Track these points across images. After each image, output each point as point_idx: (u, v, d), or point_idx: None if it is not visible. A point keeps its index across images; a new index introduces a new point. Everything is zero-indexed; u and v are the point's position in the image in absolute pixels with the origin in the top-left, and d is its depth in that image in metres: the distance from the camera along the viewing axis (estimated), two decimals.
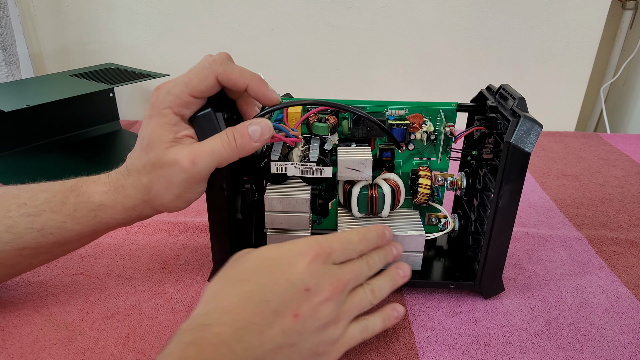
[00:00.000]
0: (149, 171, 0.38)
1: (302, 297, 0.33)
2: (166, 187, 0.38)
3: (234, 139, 0.37)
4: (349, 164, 0.42)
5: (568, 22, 0.92)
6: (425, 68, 0.98)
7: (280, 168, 0.42)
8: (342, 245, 0.36)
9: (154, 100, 0.37)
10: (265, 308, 0.32)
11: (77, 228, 0.39)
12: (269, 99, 0.38)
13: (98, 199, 0.39)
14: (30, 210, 0.39)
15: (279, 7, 0.94)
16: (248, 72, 0.38)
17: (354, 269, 0.37)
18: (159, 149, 0.37)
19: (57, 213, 0.39)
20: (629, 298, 0.46)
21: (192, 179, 0.37)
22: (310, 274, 0.34)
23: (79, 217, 0.39)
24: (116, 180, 0.40)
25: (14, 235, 0.38)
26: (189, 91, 0.36)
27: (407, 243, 0.44)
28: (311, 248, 0.35)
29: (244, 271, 0.34)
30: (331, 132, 0.43)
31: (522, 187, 0.39)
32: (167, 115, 0.37)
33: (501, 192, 0.40)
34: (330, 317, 0.34)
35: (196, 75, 0.37)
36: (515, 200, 0.40)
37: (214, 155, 0.37)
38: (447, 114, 0.46)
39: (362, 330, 0.37)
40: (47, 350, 0.39)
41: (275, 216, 0.43)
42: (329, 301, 0.34)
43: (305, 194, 0.43)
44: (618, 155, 0.82)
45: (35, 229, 0.38)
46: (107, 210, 0.39)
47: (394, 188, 0.44)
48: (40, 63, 0.99)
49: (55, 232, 0.39)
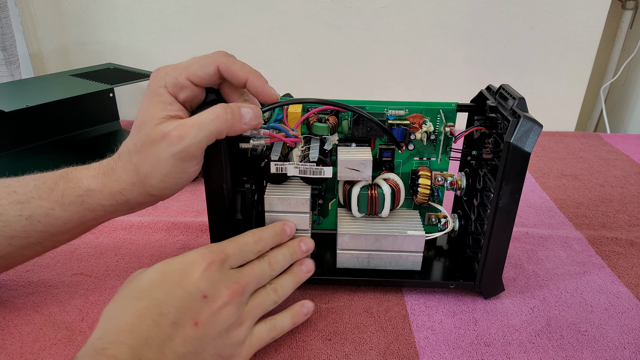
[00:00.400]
0: (138, 149, 0.37)
1: (200, 305, 0.33)
2: (154, 165, 0.36)
3: (225, 112, 0.36)
4: (349, 164, 0.42)
5: (568, 22, 0.92)
6: (425, 68, 0.98)
7: (280, 168, 0.42)
8: (236, 249, 0.37)
9: (151, 80, 0.37)
10: (163, 321, 0.32)
11: (64, 215, 0.38)
12: (268, 95, 0.38)
13: (86, 184, 0.38)
14: (20, 197, 0.38)
15: (279, 7, 0.94)
16: (249, 67, 0.37)
17: (253, 270, 0.37)
18: (149, 126, 0.36)
19: (45, 200, 0.38)
20: (629, 298, 0.46)
21: (181, 155, 0.35)
22: (205, 281, 0.34)
23: (66, 204, 0.38)
24: (106, 164, 0.39)
25: (3, 224, 0.38)
26: (188, 74, 0.36)
27: (407, 243, 0.44)
28: (204, 256, 0.35)
29: (138, 289, 0.34)
30: (331, 132, 0.43)
31: (522, 187, 0.39)
32: (161, 94, 0.36)
33: (501, 192, 0.40)
34: (232, 320, 0.35)
35: (197, 61, 0.37)
36: (515, 200, 0.40)
37: (202, 128, 0.35)
38: (447, 114, 0.46)
39: (269, 330, 0.38)
40: (47, 350, 0.39)
41: (275, 216, 0.43)
42: (229, 304, 0.34)
43: (305, 194, 0.43)
44: (618, 155, 0.82)
45: (24, 217, 0.38)
46: (94, 195, 0.38)
47: (394, 188, 0.44)
48: (40, 63, 0.99)
49: (44, 219, 0.38)
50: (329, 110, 0.44)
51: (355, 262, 0.46)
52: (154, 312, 0.32)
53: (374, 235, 0.44)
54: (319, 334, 0.41)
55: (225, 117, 0.35)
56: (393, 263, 0.45)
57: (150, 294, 0.33)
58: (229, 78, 0.37)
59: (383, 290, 0.46)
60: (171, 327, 0.32)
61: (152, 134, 0.36)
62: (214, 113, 0.35)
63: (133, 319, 0.32)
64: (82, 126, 0.81)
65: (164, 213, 0.60)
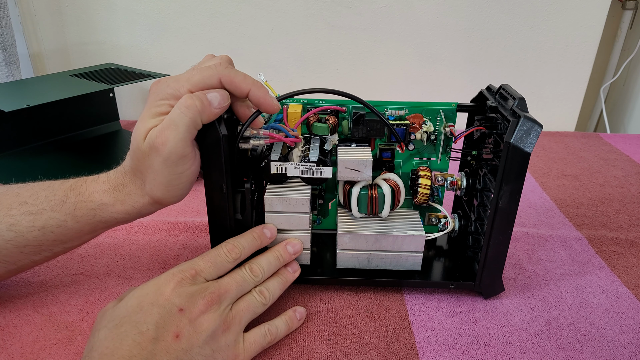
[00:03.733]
0: (138, 165, 0.38)
1: (178, 317, 0.34)
2: (154, 177, 0.37)
3: (193, 101, 0.35)
4: (349, 164, 0.42)
5: (568, 22, 0.92)
6: (425, 68, 0.98)
7: (280, 168, 0.42)
8: (208, 262, 0.38)
9: (151, 92, 0.37)
10: (144, 339, 0.33)
11: (77, 226, 0.40)
12: (270, 105, 0.38)
13: (98, 198, 0.39)
14: (32, 208, 0.39)
15: (279, 7, 0.94)
16: (250, 78, 0.37)
17: (233, 278, 0.38)
18: (139, 140, 0.36)
19: (57, 212, 0.39)
20: (629, 298, 0.46)
21: (171, 159, 0.36)
22: (179, 296, 0.35)
23: (79, 216, 0.39)
24: (115, 179, 0.40)
25: (15, 234, 0.39)
26: (190, 86, 0.36)
27: (407, 243, 0.44)
28: (173, 275, 0.36)
29: (116, 318, 0.34)
30: (331, 132, 0.43)
31: (522, 187, 0.39)
32: (161, 106, 0.36)
33: (501, 192, 0.40)
34: (215, 326, 0.35)
35: (199, 72, 0.36)
36: (515, 200, 0.40)
37: (177, 124, 0.35)
38: (447, 114, 0.46)
39: (264, 334, 0.39)
40: (47, 350, 0.39)
41: (275, 216, 0.43)
42: (207, 312, 0.35)
43: (305, 194, 0.42)
44: (618, 155, 0.82)
45: (37, 228, 0.39)
46: (107, 209, 0.39)
47: (394, 188, 0.44)
48: (40, 63, 0.99)
49: (56, 230, 0.39)
50: (329, 110, 0.44)
51: (355, 262, 0.46)
52: (133, 333, 0.33)
53: (374, 235, 0.44)
54: (319, 334, 0.41)
55: (194, 105, 0.35)
56: (393, 263, 0.45)
57: (128, 318, 0.34)
58: (231, 90, 0.37)
59: (383, 290, 0.46)
60: (152, 343, 0.33)
61: (142, 147, 0.36)
62: (182, 105, 0.35)
63: (114, 343, 0.32)
64: (82, 126, 0.81)
65: (164, 213, 0.60)
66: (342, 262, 0.46)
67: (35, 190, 0.40)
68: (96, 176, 0.41)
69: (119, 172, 0.40)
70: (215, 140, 0.37)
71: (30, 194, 0.40)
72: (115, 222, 0.40)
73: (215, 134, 0.37)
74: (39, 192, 0.40)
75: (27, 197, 0.39)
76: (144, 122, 0.36)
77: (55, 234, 0.39)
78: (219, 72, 0.37)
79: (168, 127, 0.35)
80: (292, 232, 0.44)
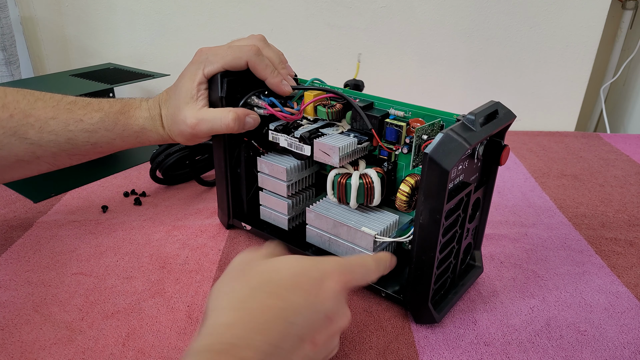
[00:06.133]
0: (170, 115, 0.48)
1: (322, 325, 0.32)
2: (179, 133, 0.48)
3: (231, 120, 0.46)
4: (321, 147, 0.44)
5: (568, 22, 0.92)
6: (425, 68, 0.98)
7: (275, 138, 0.48)
8: (360, 271, 0.36)
9: (197, 57, 0.48)
10: (291, 331, 0.30)
11: (121, 144, 0.50)
12: (282, 91, 0.48)
13: (142, 123, 0.49)
14: (87, 127, 0.48)
15: (279, 7, 0.94)
16: (270, 67, 0.47)
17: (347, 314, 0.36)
18: (180, 102, 0.47)
19: (110, 132, 0.48)
20: (629, 298, 0.46)
21: (194, 136, 0.48)
22: (333, 301, 0.33)
23: (125, 137, 0.49)
24: (154, 109, 0.50)
25: (71, 146, 0.48)
26: (223, 64, 0.46)
27: (359, 238, 0.44)
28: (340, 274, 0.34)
29: (271, 283, 0.32)
30: (329, 118, 0.46)
31: (444, 208, 0.36)
32: (198, 74, 0.46)
33: (422, 208, 0.36)
34: (334, 350, 0.34)
35: (233, 54, 0.46)
36: (436, 221, 0.36)
37: (213, 126, 0.46)
38: (447, 125, 0.45)
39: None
40: (47, 350, 0.39)
41: (264, 177, 0.51)
42: (338, 334, 0.33)
43: (285, 165, 0.48)
44: (618, 155, 0.82)
45: (90, 143, 0.48)
46: (147, 133, 0.50)
47: (366, 184, 0.44)
48: (40, 63, 0.99)
49: (105, 146, 0.49)
50: (339, 98, 0.47)
51: (320, 242, 0.48)
52: (287, 318, 0.30)
53: (332, 220, 0.45)
54: None
55: (232, 127, 0.46)
56: (349, 253, 0.45)
57: (288, 294, 0.31)
58: (254, 73, 0.47)
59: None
60: (297, 340, 0.30)
61: (178, 113, 0.47)
62: (226, 119, 0.46)
63: (269, 317, 0.30)
64: None
65: (164, 213, 0.60)
66: (310, 238, 0.49)
67: (88, 110, 0.48)
68: (138, 102, 0.50)
69: (157, 104, 0.50)
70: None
71: (84, 113, 0.48)
72: (149, 142, 0.51)
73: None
74: (92, 113, 0.48)
75: (82, 115, 0.47)
76: (188, 84, 0.47)
77: (103, 148, 0.50)
78: (248, 57, 0.46)
79: (205, 122, 0.46)
80: (275, 196, 0.51)
